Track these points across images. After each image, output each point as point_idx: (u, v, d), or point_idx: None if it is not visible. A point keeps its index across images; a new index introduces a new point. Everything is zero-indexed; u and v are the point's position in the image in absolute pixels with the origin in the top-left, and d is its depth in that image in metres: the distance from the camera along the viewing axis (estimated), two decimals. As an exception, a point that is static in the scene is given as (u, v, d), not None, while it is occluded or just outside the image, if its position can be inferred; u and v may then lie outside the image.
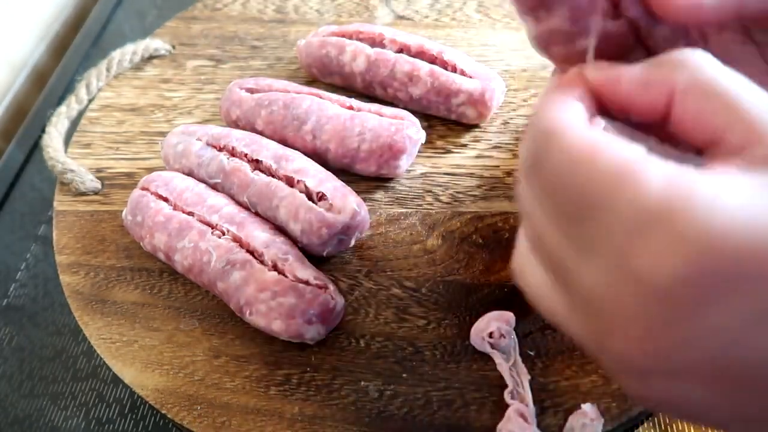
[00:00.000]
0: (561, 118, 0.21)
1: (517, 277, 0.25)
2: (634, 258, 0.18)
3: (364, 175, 0.46)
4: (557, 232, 0.21)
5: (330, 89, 0.51)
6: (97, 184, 0.50)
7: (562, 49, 0.26)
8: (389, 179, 0.47)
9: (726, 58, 0.21)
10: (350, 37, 0.50)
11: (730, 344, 0.17)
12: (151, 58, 0.58)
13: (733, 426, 0.20)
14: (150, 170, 0.50)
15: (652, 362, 0.19)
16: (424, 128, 0.47)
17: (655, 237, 0.17)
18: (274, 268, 0.39)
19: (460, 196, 0.46)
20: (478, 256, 0.43)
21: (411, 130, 0.45)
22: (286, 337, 0.38)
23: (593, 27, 0.24)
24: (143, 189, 0.44)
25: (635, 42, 0.26)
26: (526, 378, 0.37)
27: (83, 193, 0.49)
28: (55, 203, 0.49)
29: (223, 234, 0.41)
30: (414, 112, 0.47)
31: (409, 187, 0.47)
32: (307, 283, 0.38)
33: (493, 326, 0.38)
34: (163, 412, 0.38)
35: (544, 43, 0.27)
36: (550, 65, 0.29)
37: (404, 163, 0.46)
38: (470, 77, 0.47)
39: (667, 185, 0.18)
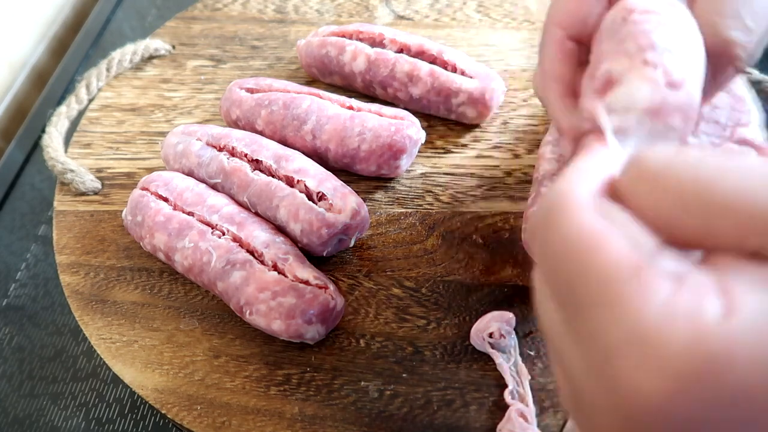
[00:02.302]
0: (573, 191, 0.19)
1: (535, 302, 0.24)
2: (619, 371, 0.17)
3: (364, 175, 0.46)
4: (554, 302, 0.20)
5: (330, 89, 0.51)
6: (97, 184, 0.50)
7: None
8: (389, 179, 0.47)
9: None
10: (350, 37, 0.50)
11: None
12: (151, 58, 0.58)
13: None
14: (150, 170, 0.50)
15: None
16: (424, 128, 0.47)
17: (646, 359, 0.16)
18: (274, 268, 0.39)
19: (460, 196, 0.46)
20: (478, 256, 0.43)
21: (411, 130, 0.45)
22: (286, 337, 0.38)
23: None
24: (143, 189, 0.44)
25: None
26: (526, 378, 0.37)
27: (83, 193, 0.49)
28: (55, 203, 0.49)
29: (223, 234, 0.41)
30: (414, 112, 0.47)
31: (409, 187, 0.47)
32: (307, 283, 0.38)
33: (493, 326, 0.38)
34: (163, 412, 0.38)
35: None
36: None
37: (404, 163, 0.46)
38: (470, 77, 0.47)
39: (666, 305, 0.16)
